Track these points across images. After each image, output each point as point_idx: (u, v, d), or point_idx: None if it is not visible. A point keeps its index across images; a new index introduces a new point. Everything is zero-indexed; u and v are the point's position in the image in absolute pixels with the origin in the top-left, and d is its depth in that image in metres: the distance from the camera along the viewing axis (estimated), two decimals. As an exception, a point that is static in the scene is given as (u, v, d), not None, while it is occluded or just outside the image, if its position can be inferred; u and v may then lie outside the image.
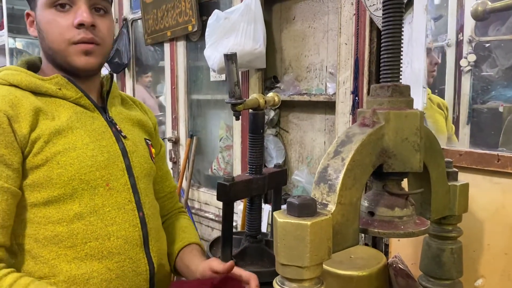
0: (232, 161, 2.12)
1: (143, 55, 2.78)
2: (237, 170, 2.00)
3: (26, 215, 0.83)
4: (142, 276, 0.89)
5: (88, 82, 0.94)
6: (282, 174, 1.21)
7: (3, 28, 4.25)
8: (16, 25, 4.29)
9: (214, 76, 2.19)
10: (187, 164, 2.36)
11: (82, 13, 0.85)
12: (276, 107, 1.49)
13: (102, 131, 0.92)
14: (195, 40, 2.22)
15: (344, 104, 1.50)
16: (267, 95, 1.17)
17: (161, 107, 2.80)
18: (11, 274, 0.76)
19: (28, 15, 0.93)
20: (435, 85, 1.28)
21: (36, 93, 0.87)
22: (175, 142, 2.47)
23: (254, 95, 1.13)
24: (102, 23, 0.90)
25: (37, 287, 0.76)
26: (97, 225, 0.85)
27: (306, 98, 1.71)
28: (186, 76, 2.33)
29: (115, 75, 2.78)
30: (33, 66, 0.95)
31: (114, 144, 0.93)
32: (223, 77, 2.12)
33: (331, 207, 0.61)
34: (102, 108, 0.97)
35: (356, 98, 1.40)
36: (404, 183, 0.76)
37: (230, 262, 0.87)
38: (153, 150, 1.06)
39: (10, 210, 0.80)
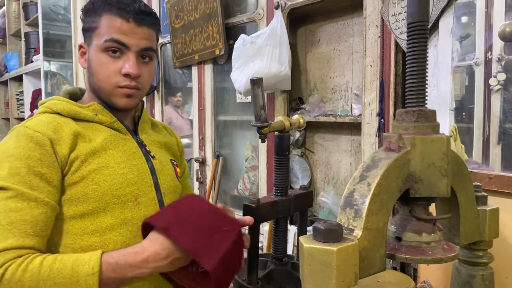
0: (257, 181, 2.13)
1: (172, 78, 2.85)
2: (262, 190, 2.01)
3: (64, 226, 0.92)
4: (168, 285, 0.97)
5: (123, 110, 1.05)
6: (308, 196, 1.21)
7: (39, 53, 4.44)
8: (51, 49, 4.47)
9: (240, 98, 2.23)
10: (213, 184, 2.39)
11: (130, 65, 0.96)
12: (302, 129, 1.50)
13: (133, 152, 1.02)
14: (222, 63, 2.26)
15: (370, 126, 1.49)
16: (292, 117, 1.19)
17: (190, 126, 2.84)
18: (40, 255, 0.83)
19: (81, 46, 1.03)
20: (463, 105, 1.26)
21: (76, 119, 0.98)
22: (202, 162, 2.50)
23: (280, 118, 1.15)
24: (146, 69, 1.01)
25: (63, 258, 0.82)
26: (127, 236, 0.94)
27: (331, 119, 1.71)
28: (213, 98, 2.37)
29: (144, 97, 2.85)
30: (74, 96, 1.07)
31: (144, 163, 1.03)
32: (249, 98, 2.16)
33: (358, 233, 0.61)
34: (134, 131, 1.07)
35: (382, 120, 1.40)
36: (432, 207, 0.75)
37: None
38: (178, 170, 1.16)
39: (48, 222, 0.88)
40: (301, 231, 1.23)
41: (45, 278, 0.79)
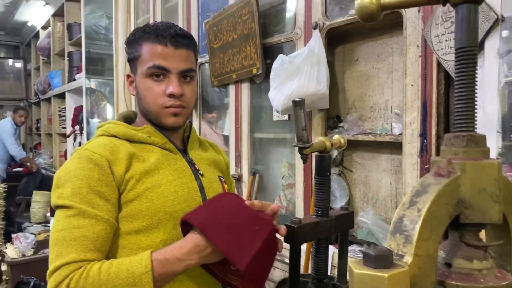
0: (294, 199, 2.12)
1: (209, 96, 2.90)
2: (299, 209, 2.01)
3: (120, 242, 0.99)
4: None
5: (172, 131, 1.12)
6: (349, 217, 1.21)
7: (81, 71, 4.63)
8: (92, 67, 4.66)
9: (276, 116, 2.24)
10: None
11: (173, 86, 1.03)
12: (342, 148, 1.50)
13: (183, 170, 1.08)
14: (259, 81, 2.29)
15: (411, 145, 1.47)
16: (333, 138, 1.19)
17: (224, 141, 2.88)
18: (97, 262, 0.90)
19: (129, 76, 1.13)
20: (510, 124, 1.23)
21: (131, 140, 1.06)
22: (238, 179, 2.53)
23: (321, 138, 1.15)
24: (188, 88, 1.07)
25: (117, 262, 0.90)
26: None
27: (371, 138, 1.70)
28: (249, 116, 2.40)
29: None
30: (128, 119, 1.17)
31: (193, 181, 1.09)
32: (286, 116, 2.17)
33: (408, 259, 0.61)
34: (183, 150, 1.15)
35: (425, 140, 1.38)
36: (482, 233, 0.74)
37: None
38: (225, 186, 1.21)
39: (107, 238, 0.95)
40: (342, 252, 1.22)
41: (105, 282, 0.86)
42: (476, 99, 0.70)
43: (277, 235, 0.97)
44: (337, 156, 1.91)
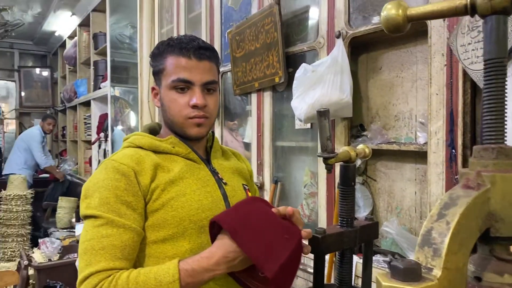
0: (317, 208, 2.12)
1: (231, 104, 2.93)
2: (322, 218, 2.00)
3: (147, 250, 1.01)
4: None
5: (196, 141, 1.15)
6: (373, 227, 1.20)
7: (106, 80, 4.73)
8: (116, 75, 4.75)
9: (299, 124, 2.25)
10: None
11: (196, 97, 1.06)
12: (367, 158, 1.49)
13: (206, 179, 1.11)
14: (281, 90, 2.30)
15: (436, 155, 1.46)
16: (358, 147, 1.19)
17: (245, 148, 2.90)
18: (126, 270, 0.93)
19: (154, 89, 1.16)
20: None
21: (156, 151, 1.08)
22: (260, 187, 2.53)
23: (345, 148, 1.15)
24: (211, 100, 1.10)
25: (145, 271, 0.91)
26: None
27: (395, 147, 1.69)
28: (271, 124, 2.41)
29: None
30: (153, 130, 1.19)
31: (217, 190, 1.11)
32: (308, 125, 2.17)
33: (437, 272, 0.60)
34: (207, 160, 1.17)
35: (453, 151, 1.36)
36: None
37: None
38: (249, 194, 1.23)
39: (135, 246, 0.98)
40: (366, 263, 1.21)
41: None
42: (506, 110, 0.70)
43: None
44: (361, 165, 1.90)
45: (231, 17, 2.75)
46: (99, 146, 4.95)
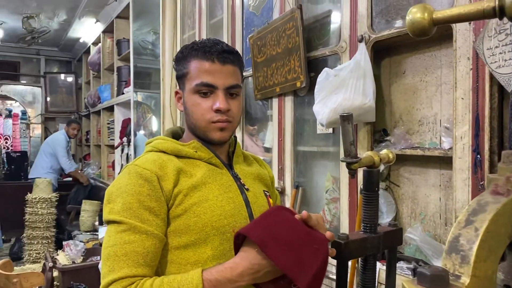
0: (339, 214, 2.10)
1: (252, 108, 2.94)
2: (344, 224, 1.98)
3: (169, 257, 1.00)
4: None
5: (218, 145, 1.14)
6: (397, 233, 1.18)
7: (129, 85, 4.80)
8: (138, 81, 4.83)
9: (320, 129, 2.24)
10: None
11: (220, 101, 1.05)
12: (391, 163, 1.48)
13: (229, 185, 1.10)
14: (303, 95, 2.30)
15: (462, 160, 1.43)
16: (381, 152, 1.17)
17: (263, 153, 2.90)
18: (149, 278, 0.93)
19: (177, 93, 1.16)
20: None
21: (179, 156, 1.08)
22: (281, 192, 2.53)
23: (369, 153, 1.14)
24: (234, 104, 1.09)
25: (168, 280, 0.91)
26: None
27: (419, 152, 1.66)
28: (292, 129, 2.40)
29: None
30: (176, 134, 1.19)
31: (239, 195, 1.10)
32: (330, 130, 2.16)
33: (465, 280, 0.59)
34: (229, 165, 1.16)
35: (478, 156, 1.33)
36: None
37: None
38: (271, 201, 1.22)
39: (157, 253, 0.97)
40: (390, 269, 1.19)
41: None
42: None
43: None
44: (384, 171, 1.87)
45: (252, 22, 2.76)
46: (122, 151, 5.02)
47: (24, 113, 8.94)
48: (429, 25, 0.74)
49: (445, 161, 1.64)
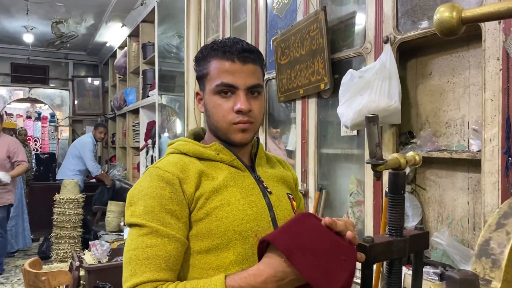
0: (363, 217, 2.07)
1: (275, 111, 2.94)
2: (368, 227, 1.96)
3: (191, 261, 0.98)
4: None
5: (240, 147, 1.11)
6: (424, 237, 1.15)
7: (154, 88, 4.87)
8: (163, 84, 4.89)
9: (344, 131, 2.22)
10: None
11: (241, 102, 1.03)
12: (417, 166, 1.45)
13: (251, 188, 1.07)
14: (327, 97, 2.29)
15: (491, 163, 1.39)
16: (407, 154, 1.15)
17: (287, 156, 2.89)
18: (172, 283, 0.91)
19: (198, 94, 1.14)
20: None
21: (200, 158, 1.06)
22: (304, 195, 2.51)
23: (395, 155, 1.12)
24: (255, 104, 1.06)
25: (191, 285, 0.89)
26: None
27: (446, 155, 1.63)
28: (316, 131, 2.39)
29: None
30: (198, 136, 1.17)
31: (261, 199, 1.07)
32: (354, 132, 2.14)
33: (496, 284, 0.58)
34: (251, 167, 1.13)
35: (510, 158, 1.30)
36: None
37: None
38: (294, 204, 1.18)
39: (179, 257, 0.95)
40: (416, 274, 1.17)
41: None
42: None
43: None
44: (409, 174, 1.84)
45: (276, 24, 2.76)
46: (147, 152, 5.09)
47: (52, 115, 9.19)
48: (458, 24, 0.73)
49: (473, 164, 1.60)
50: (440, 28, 0.74)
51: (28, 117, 9.55)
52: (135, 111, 5.95)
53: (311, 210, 2.42)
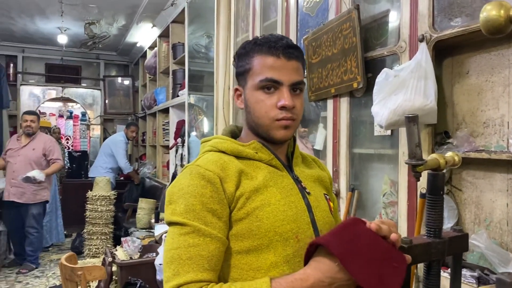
0: (396, 218, 2.05)
1: (305, 110, 2.93)
2: (402, 229, 1.93)
3: (231, 261, 0.97)
4: None
5: (278, 146, 1.10)
6: (463, 239, 1.14)
7: (184, 88, 4.93)
8: (193, 84, 4.95)
9: (378, 131, 2.19)
10: (347, 218, 2.36)
11: (285, 98, 1.01)
12: (456, 166, 1.42)
13: (290, 188, 1.06)
14: (359, 96, 2.26)
15: (533, 165, 1.35)
16: (447, 155, 1.14)
17: (315, 155, 2.88)
18: (216, 284, 0.90)
19: (237, 89, 1.12)
20: None
21: (239, 157, 1.04)
22: (336, 195, 2.50)
23: (434, 155, 1.11)
24: (297, 101, 1.05)
25: (236, 287, 0.88)
26: (289, 274, 0.92)
27: (484, 155, 1.59)
28: (348, 131, 2.37)
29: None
30: (234, 134, 1.15)
31: (301, 200, 1.06)
32: (388, 132, 2.11)
33: (549, 289, 0.56)
34: (289, 167, 1.11)
35: (554, 160, 1.26)
36: None
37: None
38: (331, 205, 1.17)
39: (220, 256, 0.94)
40: (455, 277, 1.15)
41: None
42: None
43: None
44: (445, 174, 1.81)
45: (307, 23, 2.75)
46: (176, 151, 5.16)
47: (83, 114, 9.44)
48: (506, 23, 0.72)
49: (513, 165, 1.56)
50: (486, 27, 0.73)
51: (61, 116, 9.83)
52: (165, 111, 6.04)
53: (343, 210, 2.40)
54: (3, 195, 4.92)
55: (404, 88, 1.70)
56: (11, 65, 8.04)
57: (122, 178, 6.74)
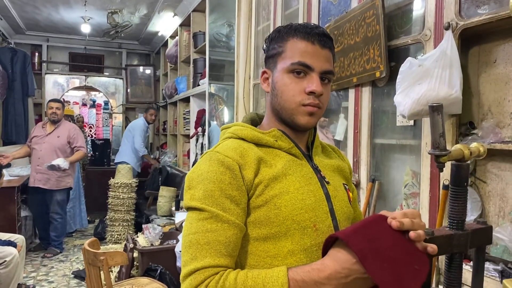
0: (418, 209, 2.02)
1: (327, 100, 2.90)
2: (424, 219, 1.89)
3: (248, 247, 0.98)
4: None
5: (299, 134, 1.09)
6: (487, 232, 1.11)
7: (204, 77, 4.94)
8: (213, 73, 4.95)
9: (400, 121, 2.16)
10: (367, 208, 2.34)
11: (315, 84, 1.00)
12: (481, 158, 1.39)
13: (309, 177, 1.05)
14: (382, 85, 2.23)
15: (563, 157, 1.31)
16: (471, 146, 1.11)
17: (335, 146, 2.85)
18: (233, 271, 0.90)
19: (264, 72, 1.11)
20: None
21: (258, 144, 1.04)
22: (356, 186, 2.48)
23: (458, 146, 1.08)
24: (325, 90, 1.04)
25: (253, 275, 0.87)
26: (305, 263, 0.93)
27: (511, 147, 1.55)
28: (369, 121, 2.34)
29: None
30: (254, 121, 1.15)
31: (319, 189, 1.05)
32: (411, 122, 2.08)
33: None
34: (308, 156, 1.11)
35: None
36: None
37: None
38: (350, 195, 1.16)
39: (238, 243, 0.95)
40: (477, 270, 1.13)
41: None
42: None
43: None
44: (470, 166, 1.77)
45: (329, 11, 2.71)
46: (197, 140, 5.19)
47: (106, 103, 9.56)
48: (538, 8, 0.69)
49: (541, 157, 1.52)
50: (517, 13, 0.70)
51: (84, 105, 9.98)
52: (186, 100, 6.07)
53: (363, 201, 2.38)
54: (29, 181, 5.04)
55: (428, 77, 1.67)
56: (36, 54, 8.19)
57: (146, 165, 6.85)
